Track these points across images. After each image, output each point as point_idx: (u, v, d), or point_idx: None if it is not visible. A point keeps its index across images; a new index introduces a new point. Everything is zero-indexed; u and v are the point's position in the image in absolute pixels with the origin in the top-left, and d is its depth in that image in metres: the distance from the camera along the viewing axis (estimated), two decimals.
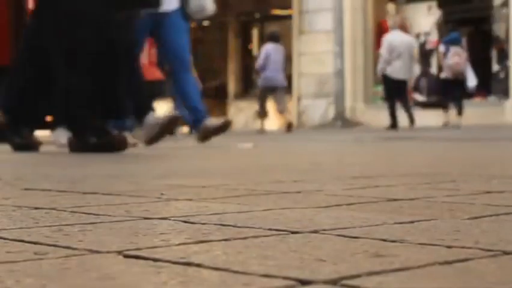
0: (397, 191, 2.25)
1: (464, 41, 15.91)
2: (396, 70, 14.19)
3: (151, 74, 9.57)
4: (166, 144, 6.17)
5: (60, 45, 5.22)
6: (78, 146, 5.21)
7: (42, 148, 5.71)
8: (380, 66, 14.47)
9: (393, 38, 14.41)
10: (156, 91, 9.93)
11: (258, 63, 15.16)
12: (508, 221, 1.57)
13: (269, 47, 15.25)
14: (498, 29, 16.89)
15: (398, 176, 2.89)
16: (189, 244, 1.28)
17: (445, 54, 14.88)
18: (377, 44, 18.29)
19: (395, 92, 14.33)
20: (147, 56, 9.71)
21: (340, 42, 17.67)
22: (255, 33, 22.05)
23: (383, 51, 14.36)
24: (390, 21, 15.42)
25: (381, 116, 16.62)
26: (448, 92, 15.02)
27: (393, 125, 14.30)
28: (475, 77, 15.53)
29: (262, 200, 2.03)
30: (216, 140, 7.20)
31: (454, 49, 14.79)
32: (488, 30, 17.04)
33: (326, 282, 0.97)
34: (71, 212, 1.79)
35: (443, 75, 15.19)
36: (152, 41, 9.08)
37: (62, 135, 5.82)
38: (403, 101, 14.49)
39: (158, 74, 10.10)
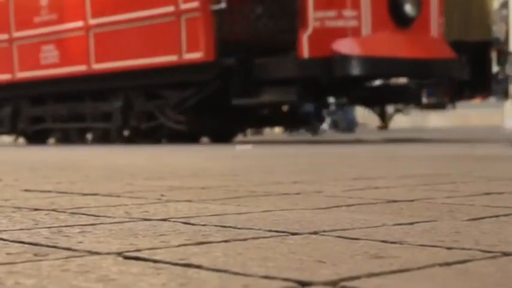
0: (397, 192, 2.25)
1: None
2: None
3: (443, 51, 8.41)
4: (168, 145, 6.17)
5: None
6: None
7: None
8: None
9: None
10: (448, 71, 8.44)
11: None
12: (508, 223, 1.57)
13: None
14: (498, 31, 16.88)
15: (398, 177, 2.89)
16: (189, 245, 1.28)
17: None
18: None
19: None
20: (437, 29, 8.39)
21: None
22: None
23: None
24: None
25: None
26: None
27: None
28: None
29: (262, 201, 2.03)
30: (214, 142, 7.19)
31: None
32: None
33: (325, 283, 0.97)
34: (71, 213, 1.79)
35: None
36: (441, 10, 8.16)
37: None
38: None
39: (450, 52, 8.58)
